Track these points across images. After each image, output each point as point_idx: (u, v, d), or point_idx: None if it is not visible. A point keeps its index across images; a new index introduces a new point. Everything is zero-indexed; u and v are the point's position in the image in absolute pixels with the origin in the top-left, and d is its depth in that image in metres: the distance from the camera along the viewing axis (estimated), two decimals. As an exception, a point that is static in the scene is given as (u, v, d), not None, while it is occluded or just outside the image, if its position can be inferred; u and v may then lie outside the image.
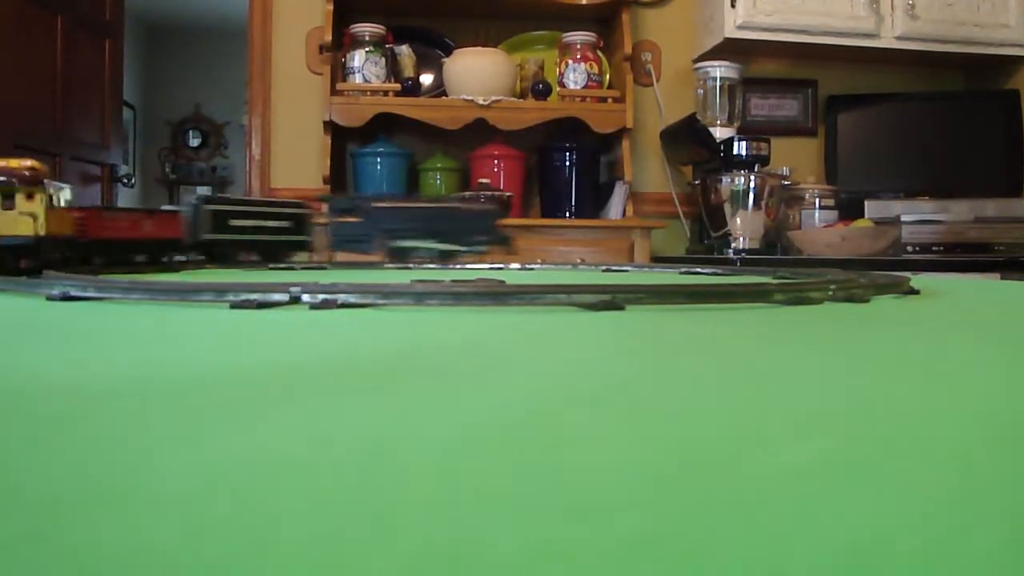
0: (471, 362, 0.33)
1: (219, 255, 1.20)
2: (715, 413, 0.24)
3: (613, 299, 0.52)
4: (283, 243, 1.30)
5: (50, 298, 0.55)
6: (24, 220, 0.78)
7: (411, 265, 1.25)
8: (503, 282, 0.92)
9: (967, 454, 0.20)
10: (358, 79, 2.67)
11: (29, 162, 0.82)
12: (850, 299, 0.58)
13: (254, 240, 1.26)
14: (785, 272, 0.93)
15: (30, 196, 0.78)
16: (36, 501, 0.15)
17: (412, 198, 1.42)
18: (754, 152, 2.55)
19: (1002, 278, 2.20)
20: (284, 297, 0.52)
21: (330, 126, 2.67)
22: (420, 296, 0.52)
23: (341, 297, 0.51)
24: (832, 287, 0.59)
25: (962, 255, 2.41)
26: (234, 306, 0.51)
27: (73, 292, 0.55)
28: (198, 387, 0.27)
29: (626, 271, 1.19)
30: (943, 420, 0.23)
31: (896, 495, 0.16)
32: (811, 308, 0.54)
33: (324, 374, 0.30)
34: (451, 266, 1.25)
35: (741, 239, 2.56)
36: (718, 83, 2.72)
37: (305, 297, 0.51)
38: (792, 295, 0.56)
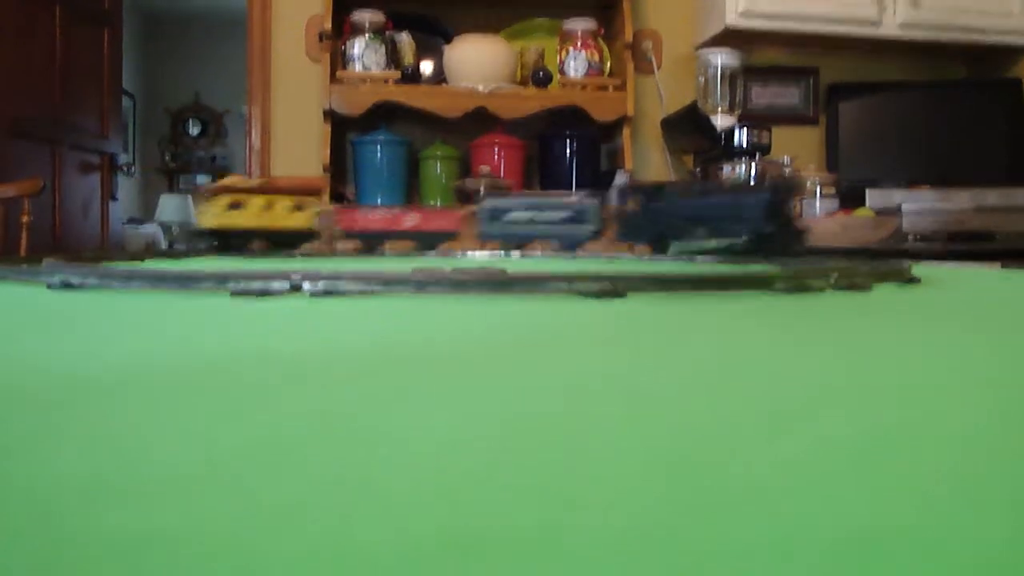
0: (473, 350, 0.33)
1: (503, 245, 1.29)
2: (719, 402, 0.24)
3: (615, 287, 0.52)
4: (564, 234, 1.28)
5: (50, 286, 0.55)
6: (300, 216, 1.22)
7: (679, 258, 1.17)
8: (504, 271, 0.92)
9: (969, 441, 0.20)
10: (358, 67, 2.66)
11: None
12: (851, 287, 0.58)
13: (531, 232, 1.28)
14: (786, 260, 0.93)
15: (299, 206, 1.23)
16: (39, 489, 0.15)
17: (697, 186, 1.29)
18: (755, 141, 2.54)
19: (1003, 267, 2.19)
20: (285, 285, 0.52)
21: (330, 114, 2.66)
22: (421, 284, 0.51)
23: (342, 285, 0.51)
24: (833, 275, 0.59)
25: (963, 244, 2.41)
26: (235, 294, 0.51)
27: (73, 280, 0.55)
28: (199, 376, 0.27)
29: (627, 259, 1.19)
30: (945, 408, 0.23)
31: (900, 482, 0.16)
32: (813, 296, 0.54)
33: (326, 363, 0.30)
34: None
35: (742, 228, 2.56)
36: (719, 71, 2.70)
37: (306, 285, 0.51)
38: (794, 283, 0.56)
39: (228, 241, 1.26)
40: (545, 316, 0.45)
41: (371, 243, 1.31)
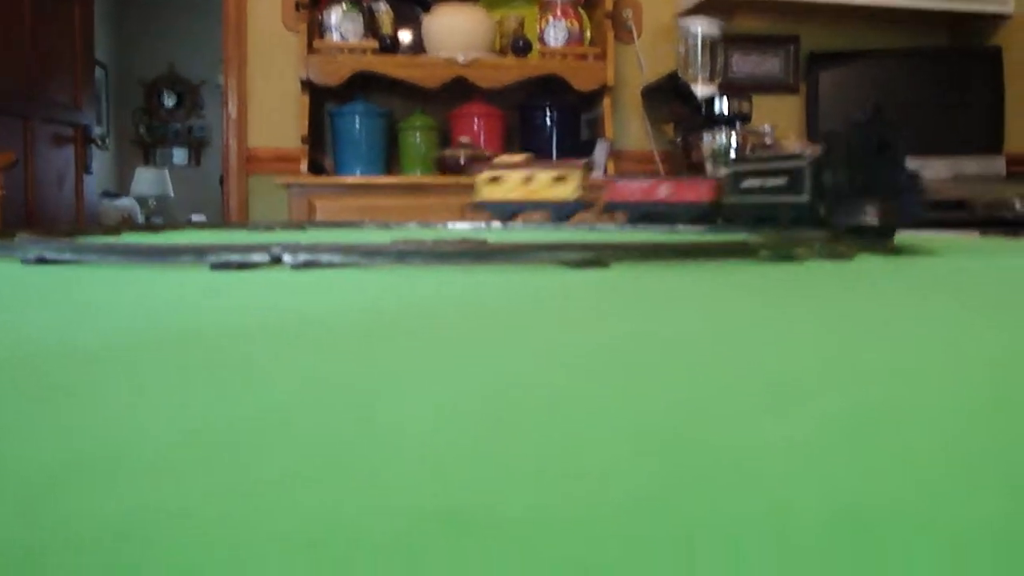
0: (457, 321, 0.33)
1: (733, 219, 1.05)
2: (707, 373, 0.24)
3: (598, 256, 0.51)
4: (778, 206, 0.90)
5: (25, 262, 0.54)
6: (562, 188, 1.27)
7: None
8: (485, 241, 0.91)
9: (961, 414, 0.20)
10: (335, 37, 2.63)
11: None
12: (835, 256, 0.58)
13: (756, 204, 0.98)
14: (769, 229, 0.93)
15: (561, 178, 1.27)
16: (25, 471, 0.15)
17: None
18: (736, 110, 2.54)
19: (981, 235, 2.21)
20: (265, 258, 0.51)
21: (307, 85, 2.63)
22: (402, 255, 0.51)
23: (323, 257, 0.50)
24: (816, 244, 0.58)
25: (942, 213, 2.42)
26: (214, 267, 0.50)
27: (48, 255, 0.54)
28: (183, 349, 0.26)
29: (610, 229, 1.18)
30: (935, 380, 0.23)
31: (893, 456, 0.16)
32: (797, 265, 0.54)
33: (310, 335, 0.29)
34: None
35: (722, 197, 2.56)
36: (699, 40, 2.69)
37: (287, 257, 0.51)
38: (777, 252, 0.56)
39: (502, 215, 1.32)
40: (530, 286, 0.44)
41: (634, 214, 1.26)
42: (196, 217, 6.49)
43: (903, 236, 0.80)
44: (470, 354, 0.26)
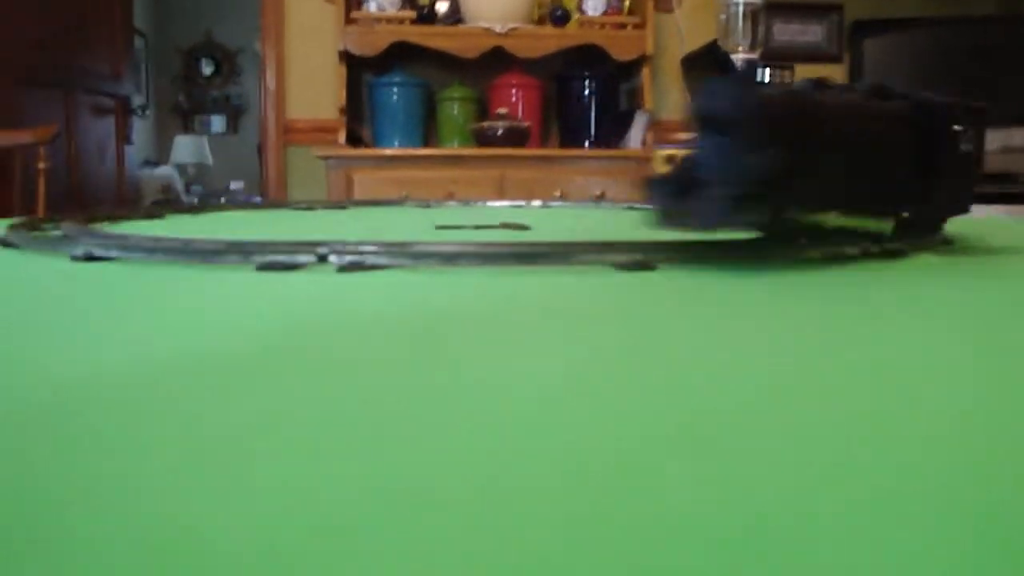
0: (504, 330, 0.32)
1: None
2: (731, 381, 0.23)
3: (645, 258, 0.51)
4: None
5: (74, 258, 0.55)
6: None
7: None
8: (525, 225, 0.90)
9: (989, 411, 0.19)
10: (373, 7, 2.62)
11: None
12: (886, 254, 0.57)
13: None
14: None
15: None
16: (52, 501, 0.15)
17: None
18: (777, 80, 2.49)
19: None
20: (311, 258, 0.51)
21: (345, 56, 2.63)
22: (450, 257, 0.51)
23: (369, 258, 0.50)
24: (867, 241, 0.57)
25: (989, 186, 2.37)
26: (260, 268, 0.50)
27: (96, 252, 0.54)
28: (228, 366, 0.26)
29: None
30: (977, 385, 0.23)
31: (911, 449, 0.16)
32: (847, 266, 0.53)
33: (356, 348, 0.29)
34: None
35: (763, 170, 2.53)
36: (740, 8, 2.64)
37: (332, 258, 0.51)
38: (827, 251, 0.55)
39: None
40: (578, 291, 0.44)
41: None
42: (234, 184, 6.54)
43: (953, 221, 0.78)
44: (515, 365, 0.26)
